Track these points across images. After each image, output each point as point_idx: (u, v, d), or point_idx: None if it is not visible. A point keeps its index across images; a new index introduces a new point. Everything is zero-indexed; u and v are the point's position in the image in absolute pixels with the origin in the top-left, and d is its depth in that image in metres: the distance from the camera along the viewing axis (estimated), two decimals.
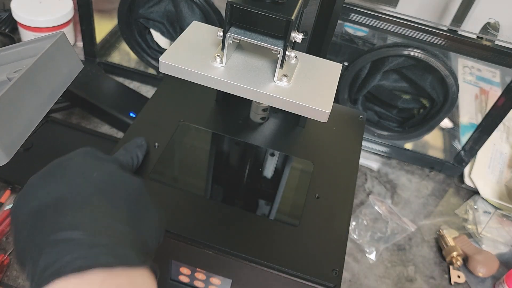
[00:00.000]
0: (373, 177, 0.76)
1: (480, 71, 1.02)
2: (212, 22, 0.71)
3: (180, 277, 0.51)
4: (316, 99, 0.39)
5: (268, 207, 0.51)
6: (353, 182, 0.53)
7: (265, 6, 0.36)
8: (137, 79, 0.85)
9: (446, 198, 0.76)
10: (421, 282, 0.63)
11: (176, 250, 0.46)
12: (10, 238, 0.58)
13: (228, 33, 0.38)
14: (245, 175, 0.54)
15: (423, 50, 0.66)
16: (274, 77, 0.40)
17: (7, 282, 0.54)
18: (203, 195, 0.51)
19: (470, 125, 0.87)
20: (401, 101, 0.75)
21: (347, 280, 0.61)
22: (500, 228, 0.72)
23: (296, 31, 0.38)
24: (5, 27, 0.86)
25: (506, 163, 0.81)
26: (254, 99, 0.43)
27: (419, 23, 0.64)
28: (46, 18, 0.80)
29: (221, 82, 0.40)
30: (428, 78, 0.70)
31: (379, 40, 0.89)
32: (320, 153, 0.56)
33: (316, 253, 0.45)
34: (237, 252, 0.44)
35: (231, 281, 0.48)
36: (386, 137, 0.78)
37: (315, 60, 0.44)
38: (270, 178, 0.54)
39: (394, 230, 0.68)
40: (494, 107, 0.69)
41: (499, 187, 0.77)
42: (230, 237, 0.45)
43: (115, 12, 0.76)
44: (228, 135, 0.56)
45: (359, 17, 0.64)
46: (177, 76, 0.40)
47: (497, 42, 0.63)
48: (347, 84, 0.73)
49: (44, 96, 0.38)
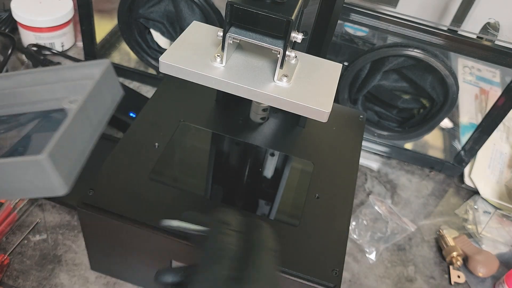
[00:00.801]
0: (373, 177, 0.76)
1: (480, 71, 1.02)
2: (212, 22, 0.71)
3: None
4: (316, 99, 0.39)
5: (268, 207, 0.51)
6: (353, 182, 0.53)
7: (265, 6, 0.36)
8: (137, 79, 0.85)
9: (446, 198, 0.76)
10: (421, 282, 0.63)
11: (176, 250, 0.46)
12: (10, 238, 0.58)
13: (228, 33, 0.38)
14: (245, 175, 0.54)
15: (423, 50, 0.66)
16: (274, 77, 0.40)
17: (7, 282, 0.54)
18: (203, 195, 0.51)
19: (470, 125, 0.87)
20: (401, 101, 0.75)
21: (347, 280, 0.61)
22: (500, 228, 0.72)
23: (296, 31, 0.38)
24: (5, 27, 0.86)
25: (506, 163, 0.81)
26: (254, 99, 0.43)
27: (419, 23, 0.63)
28: (46, 18, 0.80)
29: (221, 82, 0.40)
30: (428, 78, 0.70)
31: (379, 40, 0.89)
32: (320, 153, 0.56)
33: (316, 253, 0.45)
34: None
35: None
36: (386, 137, 0.78)
37: (315, 60, 0.44)
38: (270, 178, 0.54)
39: (394, 230, 0.68)
40: (494, 107, 0.69)
41: (499, 187, 0.77)
42: None
43: (115, 12, 0.76)
44: (228, 135, 0.56)
45: (359, 17, 0.64)
46: (177, 76, 0.41)
47: (497, 42, 0.63)
48: (347, 84, 0.73)
49: (94, 125, 0.39)
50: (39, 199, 0.62)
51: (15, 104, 0.44)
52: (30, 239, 0.58)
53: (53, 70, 0.43)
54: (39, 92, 0.43)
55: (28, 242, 0.58)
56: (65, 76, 0.43)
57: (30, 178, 0.34)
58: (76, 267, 0.56)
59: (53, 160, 0.33)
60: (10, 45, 0.80)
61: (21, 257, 0.56)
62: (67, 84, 0.42)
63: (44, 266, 0.56)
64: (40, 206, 0.62)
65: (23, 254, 0.57)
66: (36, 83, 0.43)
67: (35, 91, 0.43)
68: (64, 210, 0.62)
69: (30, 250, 0.57)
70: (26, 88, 0.44)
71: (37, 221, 0.60)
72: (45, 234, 0.59)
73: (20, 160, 0.34)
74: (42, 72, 0.43)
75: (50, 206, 0.62)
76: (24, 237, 0.58)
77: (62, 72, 0.43)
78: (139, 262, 0.51)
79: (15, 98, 0.44)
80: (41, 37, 0.83)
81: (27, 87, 0.44)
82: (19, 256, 0.56)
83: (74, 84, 0.42)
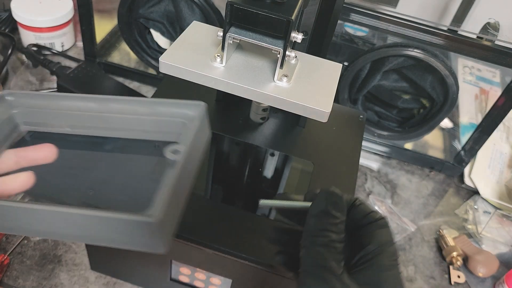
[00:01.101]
0: (373, 177, 0.76)
1: (480, 71, 1.02)
2: (212, 22, 0.71)
3: (180, 277, 0.51)
4: (316, 99, 0.39)
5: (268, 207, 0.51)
6: (353, 182, 0.53)
7: (265, 6, 0.36)
8: (137, 79, 0.84)
9: (446, 198, 0.76)
10: (421, 282, 0.63)
11: (176, 250, 0.46)
12: (10, 238, 0.58)
13: (228, 33, 0.38)
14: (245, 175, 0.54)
15: (423, 50, 0.66)
16: (274, 77, 0.40)
17: (7, 282, 0.54)
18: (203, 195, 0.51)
19: (470, 125, 0.87)
20: (401, 101, 0.75)
21: None
22: (500, 228, 0.72)
23: (296, 31, 0.38)
24: (5, 27, 0.87)
25: (506, 163, 0.81)
26: (254, 99, 0.43)
27: (419, 23, 0.63)
28: (46, 18, 0.80)
29: (221, 82, 0.40)
30: (428, 78, 0.70)
31: (379, 40, 0.89)
32: (320, 153, 0.56)
33: None
34: (237, 252, 0.44)
35: (231, 281, 0.48)
36: (386, 137, 0.78)
37: (315, 60, 0.44)
38: (270, 178, 0.54)
39: (394, 230, 0.68)
40: (494, 107, 0.69)
41: (499, 187, 0.77)
42: (230, 237, 0.45)
43: (115, 12, 0.76)
44: (228, 135, 0.56)
45: (359, 17, 0.64)
46: (177, 76, 0.41)
47: (497, 42, 0.63)
48: (347, 84, 0.73)
49: (192, 175, 0.37)
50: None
51: (100, 127, 0.43)
52: (30, 239, 0.58)
53: (146, 102, 0.42)
54: (127, 120, 0.42)
55: (28, 242, 0.58)
56: (157, 110, 0.42)
57: (133, 233, 0.32)
58: (76, 267, 0.56)
59: (162, 223, 0.31)
60: (10, 45, 0.80)
61: (21, 257, 0.56)
62: (158, 118, 0.42)
63: (44, 266, 0.56)
64: None
65: (23, 254, 0.57)
66: (126, 112, 0.42)
67: (124, 118, 0.42)
68: None
69: (30, 250, 0.57)
70: (115, 114, 0.43)
71: None
72: None
73: (128, 218, 0.31)
74: (134, 102, 0.42)
75: None
76: (24, 237, 0.58)
77: (154, 106, 0.42)
78: (139, 262, 0.51)
79: (101, 122, 0.43)
80: (41, 37, 0.83)
81: (115, 114, 0.42)
82: (19, 256, 0.56)
83: (165, 120, 0.41)
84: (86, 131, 0.43)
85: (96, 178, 0.42)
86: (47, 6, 0.82)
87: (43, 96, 0.42)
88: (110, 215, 0.31)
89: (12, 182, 0.36)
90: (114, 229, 0.32)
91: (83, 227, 0.33)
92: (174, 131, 0.41)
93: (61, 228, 0.33)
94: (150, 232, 0.31)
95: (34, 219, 0.33)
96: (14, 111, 0.42)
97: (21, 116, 0.43)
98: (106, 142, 0.43)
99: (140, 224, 0.31)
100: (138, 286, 0.56)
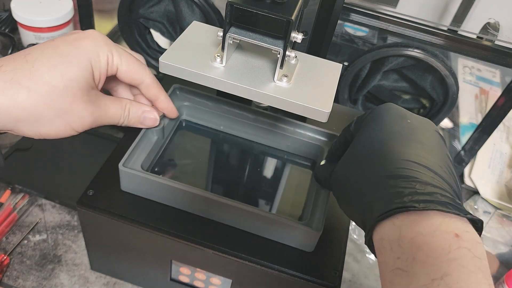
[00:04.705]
0: None
1: (480, 71, 1.02)
2: (212, 22, 0.71)
3: (180, 277, 0.51)
4: (316, 99, 0.39)
5: (268, 206, 0.51)
6: None
7: (265, 6, 0.36)
8: None
9: None
10: None
11: (176, 250, 0.46)
12: (10, 238, 0.58)
13: (228, 33, 0.38)
14: (245, 175, 0.54)
15: (423, 50, 0.66)
16: (274, 77, 0.40)
17: (7, 282, 0.54)
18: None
19: (470, 125, 0.87)
20: (401, 101, 0.75)
21: (347, 280, 0.61)
22: (500, 228, 0.72)
23: (296, 31, 0.38)
24: (5, 27, 0.87)
25: (506, 163, 0.81)
26: (254, 99, 0.43)
27: (419, 23, 0.63)
28: (46, 18, 0.80)
29: (221, 82, 0.40)
30: (428, 78, 0.70)
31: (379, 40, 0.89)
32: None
33: (316, 253, 0.45)
34: (237, 252, 0.44)
35: (231, 281, 0.48)
36: None
37: (315, 60, 0.44)
38: (270, 178, 0.54)
39: None
40: (494, 107, 0.68)
41: (499, 187, 0.77)
42: (230, 237, 0.45)
43: (115, 12, 0.76)
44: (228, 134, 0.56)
45: (359, 17, 0.64)
46: (177, 76, 0.41)
47: (497, 42, 0.63)
48: (347, 84, 0.73)
49: None
50: (39, 199, 0.62)
51: (250, 133, 0.56)
52: (30, 239, 0.58)
53: (293, 124, 0.54)
54: (273, 133, 0.55)
55: (28, 242, 0.58)
56: (299, 132, 0.55)
57: (294, 235, 0.44)
58: (76, 267, 0.57)
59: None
60: (10, 45, 0.80)
61: (21, 257, 0.56)
62: (299, 138, 0.55)
63: (44, 266, 0.56)
64: (40, 206, 0.62)
65: (23, 254, 0.57)
66: (274, 127, 0.55)
67: (271, 131, 0.55)
68: (64, 210, 0.62)
69: (30, 250, 0.57)
70: (265, 126, 0.55)
71: (37, 221, 0.60)
72: (45, 234, 0.59)
73: (291, 224, 0.43)
74: (284, 121, 0.54)
75: (50, 206, 0.62)
76: (24, 237, 0.58)
77: (298, 128, 0.55)
78: (139, 262, 0.51)
79: (252, 129, 0.55)
80: (41, 37, 0.83)
81: (266, 126, 0.55)
82: (19, 256, 0.56)
83: (304, 141, 0.55)
84: (237, 133, 0.55)
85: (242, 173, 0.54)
86: (47, 6, 0.82)
87: (208, 97, 0.55)
88: (283, 221, 0.43)
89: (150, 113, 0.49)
90: (277, 229, 0.44)
91: (252, 224, 0.45)
92: (311, 151, 0.55)
93: (237, 221, 0.46)
94: (310, 237, 0.44)
95: (223, 212, 0.45)
96: (185, 103, 0.55)
97: (186, 109, 0.56)
98: (252, 146, 0.56)
99: (304, 231, 0.43)
100: (138, 286, 0.56)
